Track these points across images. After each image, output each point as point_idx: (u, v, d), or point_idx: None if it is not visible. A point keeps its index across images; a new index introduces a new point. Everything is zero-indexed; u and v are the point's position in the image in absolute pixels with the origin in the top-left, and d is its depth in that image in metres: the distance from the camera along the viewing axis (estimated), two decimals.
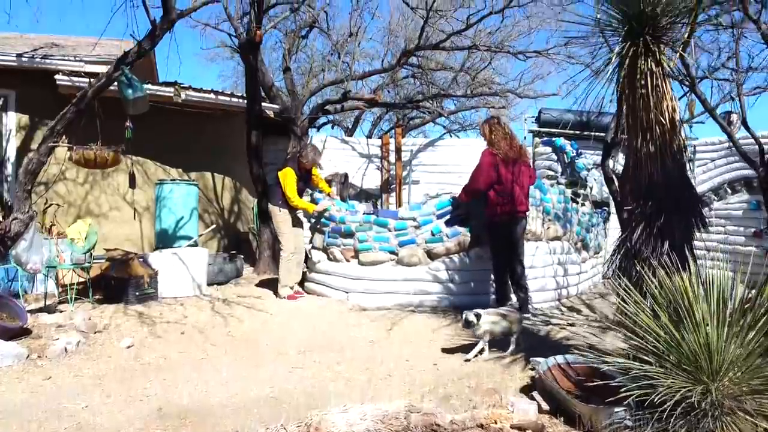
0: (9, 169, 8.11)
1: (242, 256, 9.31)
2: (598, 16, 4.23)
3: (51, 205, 7.96)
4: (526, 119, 10.56)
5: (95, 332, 5.57)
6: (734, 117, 8.05)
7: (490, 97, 10.91)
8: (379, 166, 11.15)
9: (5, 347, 4.70)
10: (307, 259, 7.49)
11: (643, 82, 4.04)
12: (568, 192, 7.83)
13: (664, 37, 4.07)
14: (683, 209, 4.05)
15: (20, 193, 5.70)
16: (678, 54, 4.37)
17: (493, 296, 6.38)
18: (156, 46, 6.02)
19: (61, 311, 6.26)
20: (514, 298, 6.12)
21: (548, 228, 7.07)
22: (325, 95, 12.08)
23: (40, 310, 6.10)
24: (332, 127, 15.67)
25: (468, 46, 10.50)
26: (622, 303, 3.43)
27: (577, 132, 9.70)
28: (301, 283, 7.48)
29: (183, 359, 4.94)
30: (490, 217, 6.09)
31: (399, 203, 10.60)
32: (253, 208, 9.68)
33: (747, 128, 6.39)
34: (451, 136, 14.50)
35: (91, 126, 6.12)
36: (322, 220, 7.19)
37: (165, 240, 7.79)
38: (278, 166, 7.38)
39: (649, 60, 4.02)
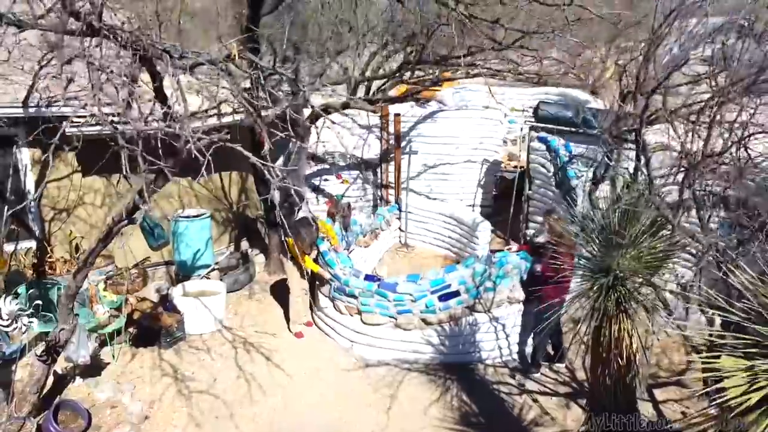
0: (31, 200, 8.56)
1: (255, 251, 10.16)
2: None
3: (75, 237, 8.64)
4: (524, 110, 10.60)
5: (145, 418, 6.74)
6: None
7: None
8: (379, 137, 11.39)
9: None
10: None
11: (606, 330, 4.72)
12: None
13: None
14: None
15: (63, 310, 6.44)
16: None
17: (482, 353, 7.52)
18: None
19: (106, 363, 7.40)
20: None
21: None
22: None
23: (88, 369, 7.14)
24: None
25: None
26: None
27: (573, 129, 9.87)
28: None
29: None
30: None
31: (398, 195, 11.07)
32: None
33: None
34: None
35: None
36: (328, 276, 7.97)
37: (185, 270, 8.61)
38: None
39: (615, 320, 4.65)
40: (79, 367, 7.02)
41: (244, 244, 10.32)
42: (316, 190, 11.42)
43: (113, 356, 7.54)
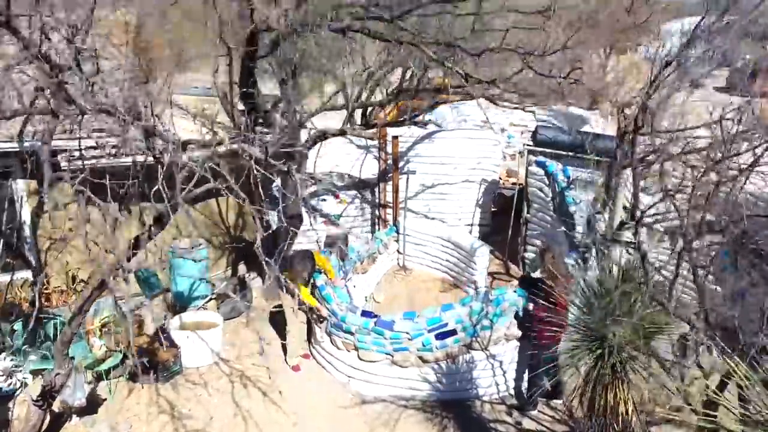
0: (27, 230, 8.54)
1: (252, 275, 10.14)
2: None
3: (71, 270, 8.63)
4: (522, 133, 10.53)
5: None
6: None
7: None
8: (377, 156, 11.33)
9: None
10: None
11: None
12: None
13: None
14: None
15: (59, 355, 6.42)
16: None
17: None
18: None
19: (103, 400, 7.41)
20: None
21: None
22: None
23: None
24: None
25: None
26: None
27: (571, 154, 9.81)
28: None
29: None
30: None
31: (396, 217, 11.02)
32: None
33: None
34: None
35: None
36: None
37: (182, 300, 8.59)
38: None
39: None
40: (75, 407, 7.00)
41: (242, 268, 10.28)
42: (314, 209, 11.37)
43: (110, 392, 7.53)
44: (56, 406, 6.90)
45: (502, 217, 11.46)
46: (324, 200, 11.38)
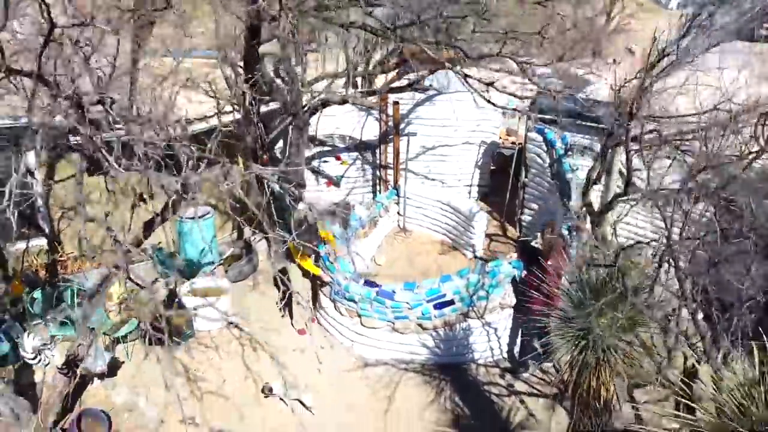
0: (39, 201, 8.80)
1: (257, 238, 10.48)
2: None
3: (85, 238, 8.93)
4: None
5: (161, 422, 7.29)
6: None
7: None
8: (378, 118, 11.44)
9: None
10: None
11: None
12: None
13: None
14: None
15: (80, 329, 6.84)
16: None
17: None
18: None
19: (121, 362, 7.92)
20: None
21: None
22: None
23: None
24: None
25: None
26: None
27: (572, 120, 9.92)
28: None
29: None
30: None
31: (396, 180, 11.23)
32: None
33: None
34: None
35: None
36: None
37: (192, 268, 8.95)
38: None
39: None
40: (96, 373, 7.49)
41: (247, 232, 10.60)
42: (316, 171, 11.60)
43: (127, 355, 8.00)
44: (79, 372, 7.40)
45: (501, 176, 11.67)
46: (326, 162, 11.60)
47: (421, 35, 6.83)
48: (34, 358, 6.43)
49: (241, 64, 8.10)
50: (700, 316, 5.94)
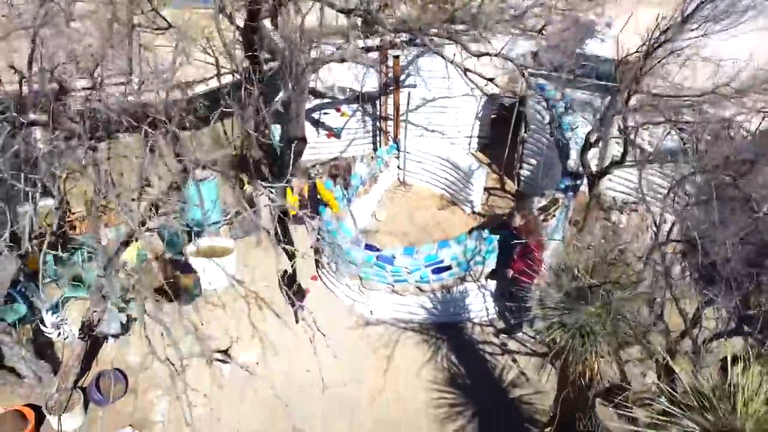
0: (43, 164, 8.90)
1: (260, 192, 10.62)
2: None
3: (100, 206, 9.12)
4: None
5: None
6: None
7: None
8: (378, 69, 11.33)
9: None
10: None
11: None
12: None
13: None
14: None
15: (94, 297, 7.17)
16: None
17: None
18: None
19: (134, 318, 8.32)
20: None
21: None
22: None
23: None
24: None
25: None
26: None
27: (572, 77, 9.86)
28: None
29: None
30: None
31: (396, 135, 11.23)
32: None
33: None
34: None
35: None
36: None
37: (197, 227, 9.20)
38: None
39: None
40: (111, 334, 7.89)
41: (248, 187, 10.75)
42: (317, 123, 11.61)
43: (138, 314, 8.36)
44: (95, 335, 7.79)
45: (502, 127, 11.67)
46: (326, 113, 11.59)
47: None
48: (54, 333, 6.78)
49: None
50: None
